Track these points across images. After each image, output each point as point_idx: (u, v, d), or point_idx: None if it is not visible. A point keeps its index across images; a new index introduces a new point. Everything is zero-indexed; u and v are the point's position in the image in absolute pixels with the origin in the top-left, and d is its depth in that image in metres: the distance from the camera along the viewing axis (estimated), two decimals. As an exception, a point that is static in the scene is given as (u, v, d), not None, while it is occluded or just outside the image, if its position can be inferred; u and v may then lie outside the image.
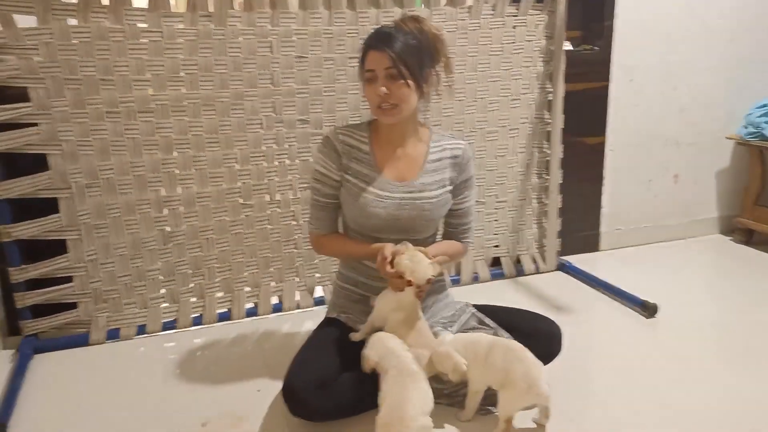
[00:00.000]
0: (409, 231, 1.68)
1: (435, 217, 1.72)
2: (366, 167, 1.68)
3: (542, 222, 2.64)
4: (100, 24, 1.89)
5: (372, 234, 1.69)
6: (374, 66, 1.58)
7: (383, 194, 1.66)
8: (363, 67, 1.63)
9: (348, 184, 1.68)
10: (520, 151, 2.52)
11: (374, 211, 1.65)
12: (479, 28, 2.32)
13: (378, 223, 1.66)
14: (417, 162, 1.71)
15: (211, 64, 2.02)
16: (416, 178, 1.69)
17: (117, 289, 2.10)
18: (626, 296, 2.35)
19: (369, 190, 1.66)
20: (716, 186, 3.13)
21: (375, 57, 1.58)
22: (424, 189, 1.69)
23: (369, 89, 1.61)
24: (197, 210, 2.13)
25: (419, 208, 1.67)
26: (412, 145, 1.72)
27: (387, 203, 1.66)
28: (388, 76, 1.58)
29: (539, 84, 2.47)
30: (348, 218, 1.74)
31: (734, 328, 2.18)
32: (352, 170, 1.68)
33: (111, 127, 1.98)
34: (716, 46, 2.90)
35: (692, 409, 1.67)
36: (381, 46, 1.57)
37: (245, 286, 2.25)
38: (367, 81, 1.61)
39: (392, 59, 1.56)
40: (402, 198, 1.67)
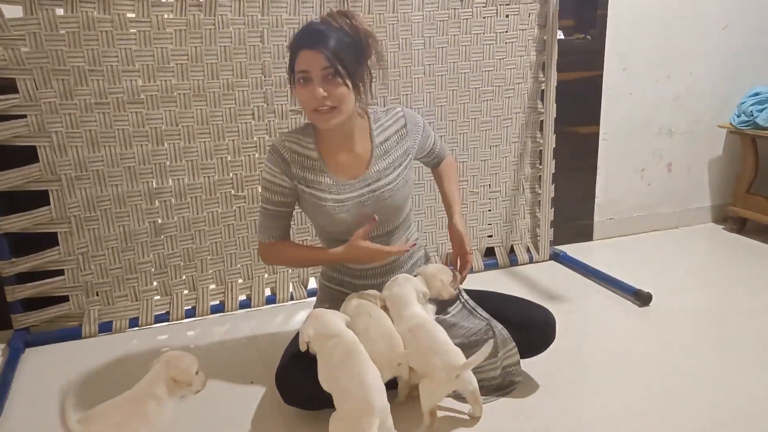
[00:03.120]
0: (380, 224, 1.63)
1: (399, 202, 1.66)
2: (318, 174, 1.61)
3: (535, 212, 2.64)
4: (88, 14, 1.87)
5: (346, 237, 1.62)
6: (309, 66, 1.47)
7: (342, 197, 1.60)
8: (293, 69, 1.51)
9: (305, 195, 1.62)
10: (513, 140, 2.51)
11: (339, 218, 1.60)
12: (472, 16, 2.30)
13: (347, 227, 1.61)
14: (366, 154, 1.64)
15: (201, 54, 2.00)
16: (369, 168, 1.63)
17: (108, 282, 2.09)
18: (620, 285, 2.35)
19: (327, 198, 1.60)
20: (709, 175, 3.14)
21: (309, 57, 1.46)
22: (380, 177, 1.63)
23: (303, 92, 1.50)
24: (189, 201, 2.11)
25: (380, 199, 1.62)
26: (358, 140, 1.64)
27: (348, 205, 1.60)
28: (324, 77, 1.47)
29: (532, 73, 2.46)
30: (317, 228, 1.72)
31: (727, 316, 2.17)
32: (305, 180, 1.61)
33: (100, 119, 1.95)
34: (709, 34, 2.90)
35: (685, 396, 1.67)
36: (315, 44, 1.46)
37: (238, 277, 2.24)
38: (300, 83, 1.50)
39: (328, 58, 1.45)
40: (361, 194, 1.61)
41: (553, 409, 1.60)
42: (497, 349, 1.60)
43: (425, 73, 2.30)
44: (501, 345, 1.60)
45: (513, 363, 1.62)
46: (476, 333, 1.63)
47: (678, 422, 1.55)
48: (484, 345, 1.47)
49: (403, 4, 2.19)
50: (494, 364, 1.62)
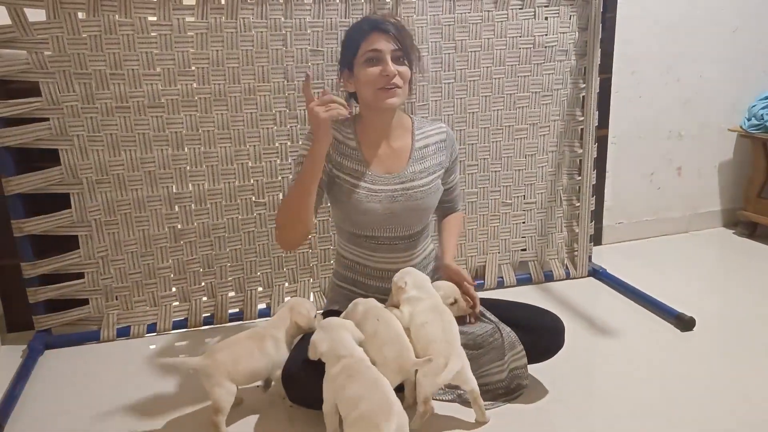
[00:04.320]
0: (404, 225, 1.67)
1: (428, 205, 1.70)
2: (355, 163, 1.65)
3: (573, 225, 2.49)
4: (110, 17, 1.86)
5: (368, 233, 1.67)
6: (382, 46, 1.56)
7: (375, 188, 1.63)
8: (361, 49, 1.57)
9: (338, 180, 1.65)
10: (551, 149, 2.38)
11: (369, 206, 1.62)
12: (507, 19, 2.19)
13: (373, 219, 1.63)
14: (404, 152, 1.69)
15: (223, 58, 1.97)
16: (405, 167, 1.67)
17: (128, 287, 2.08)
18: (661, 307, 2.18)
19: (361, 185, 1.63)
20: (719, 179, 3.09)
21: (381, 38, 1.56)
22: (414, 178, 1.67)
23: (372, 70, 1.57)
24: (209, 207, 2.08)
25: (412, 198, 1.65)
26: (398, 136, 1.69)
27: (381, 197, 1.63)
28: (394, 57, 1.57)
29: (572, 79, 2.32)
30: (342, 218, 1.70)
31: (739, 322, 2.13)
32: (341, 166, 1.64)
33: (121, 123, 1.94)
34: (719, 37, 2.84)
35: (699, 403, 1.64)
36: (387, 28, 1.57)
37: (258, 285, 2.20)
38: (369, 62, 1.57)
39: (399, 41, 1.57)
40: (394, 190, 1.64)
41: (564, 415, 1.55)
42: (504, 352, 1.56)
43: (456, 78, 2.20)
44: (508, 348, 1.56)
45: (520, 366, 1.57)
46: (483, 335, 1.60)
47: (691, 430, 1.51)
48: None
49: (433, 6, 2.10)
50: (501, 366, 1.58)
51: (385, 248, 1.68)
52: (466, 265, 2.40)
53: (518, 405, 1.60)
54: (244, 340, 1.55)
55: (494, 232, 2.41)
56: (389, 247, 1.68)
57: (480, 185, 2.34)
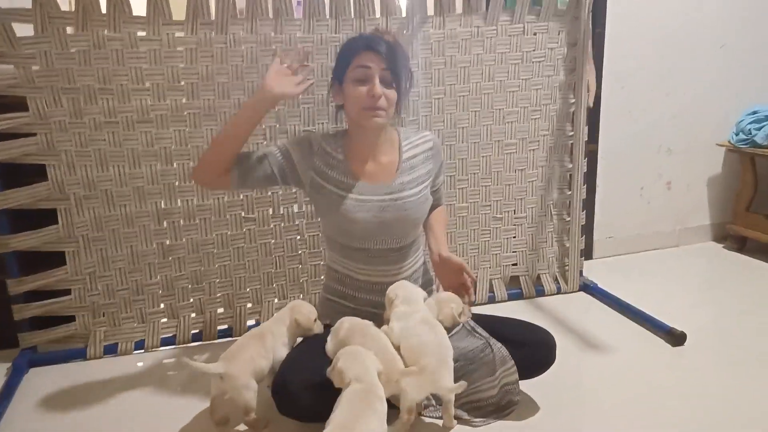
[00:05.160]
0: (394, 236, 1.67)
1: (418, 215, 1.70)
2: (342, 174, 1.66)
3: (564, 240, 2.49)
4: (99, 32, 1.85)
5: (358, 245, 1.67)
6: (371, 65, 1.58)
7: (363, 198, 1.64)
8: (352, 65, 1.59)
9: (324, 190, 1.65)
10: (540, 164, 2.39)
11: (357, 216, 1.62)
12: (497, 34, 2.20)
13: (362, 229, 1.63)
14: (392, 165, 1.69)
15: (212, 73, 1.96)
16: (394, 179, 1.67)
17: (115, 303, 2.05)
18: (653, 322, 2.18)
19: (348, 196, 1.64)
20: (708, 193, 3.11)
21: (373, 57, 1.58)
22: (403, 188, 1.67)
23: (360, 89, 1.59)
24: (198, 223, 2.06)
25: (401, 208, 1.65)
26: (385, 151, 1.70)
27: (368, 206, 1.63)
28: (382, 78, 1.59)
29: (561, 94, 2.33)
30: (331, 229, 1.71)
31: (731, 336, 2.14)
32: (326, 176, 1.65)
33: (109, 138, 1.93)
34: (707, 53, 2.89)
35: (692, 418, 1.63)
36: (379, 47, 1.59)
37: (247, 302, 2.18)
38: (358, 80, 1.58)
39: (389, 62, 1.59)
40: (382, 200, 1.64)
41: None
42: (495, 367, 1.55)
43: (446, 93, 2.20)
44: (499, 363, 1.55)
45: (512, 382, 1.55)
46: (473, 351, 1.59)
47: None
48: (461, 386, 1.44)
49: (422, 22, 2.11)
50: (492, 383, 1.56)
51: (376, 261, 1.68)
52: (456, 280, 2.39)
53: (509, 421, 1.59)
54: (250, 340, 1.58)
55: (485, 247, 2.40)
56: (379, 260, 1.68)
57: (470, 200, 2.33)
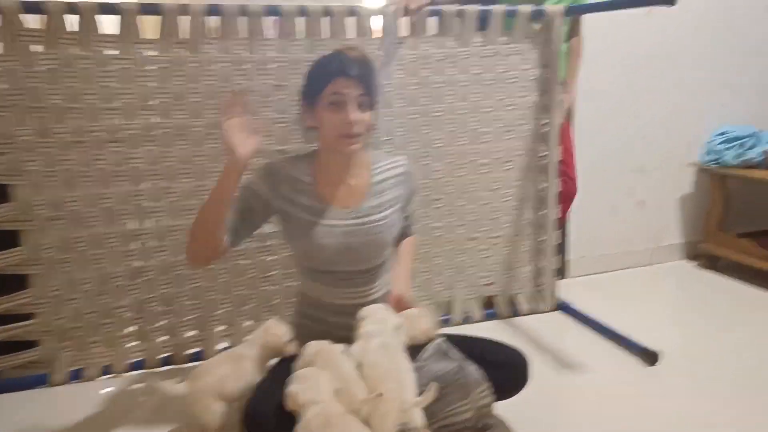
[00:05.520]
0: (362, 260, 1.64)
1: (386, 239, 1.67)
2: (310, 199, 1.62)
3: (538, 259, 2.50)
4: (68, 50, 1.82)
5: (326, 268, 1.64)
6: (347, 91, 1.53)
7: (331, 223, 1.60)
8: (327, 90, 1.54)
9: (291, 218, 1.62)
10: (515, 184, 2.39)
11: (324, 242, 1.59)
12: (470, 56, 2.22)
13: (330, 255, 1.61)
14: (361, 188, 1.66)
15: (185, 92, 1.94)
16: (362, 203, 1.64)
17: (82, 327, 2.00)
18: (627, 341, 2.19)
19: (316, 221, 1.60)
20: (680, 212, 3.17)
21: (348, 83, 1.53)
22: (371, 213, 1.64)
23: (335, 116, 1.54)
24: (168, 244, 2.02)
25: (369, 233, 1.62)
26: (355, 173, 1.66)
27: (335, 231, 1.60)
28: (358, 103, 1.55)
29: (534, 115, 2.35)
30: (299, 254, 1.68)
31: (704, 354, 2.16)
32: (293, 203, 1.61)
33: (77, 157, 1.89)
34: (677, 74, 2.95)
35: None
36: (353, 72, 1.53)
37: (219, 324, 2.14)
38: (333, 105, 1.54)
39: (365, 87, 1.55)
40: (350, 225, 1.61)
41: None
42: (469, 390, 1.51)
43: (420, 114, 2.20)
44: (473, 385, 1.51)
45: (486, 404, 1.52)
46: (447, 374, 1.54)
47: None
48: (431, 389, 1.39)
49: (396, 43, 2.12)
50: (467, 405, 1.51)
51: (343, 283, 1.65)
52: (432, 301, 2.38)
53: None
54: (223, 360, 1.55)
55: (460, 267, 2.40)
56: (347, 282, 1.65)
57: (446, 220, 2.33)
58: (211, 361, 1.56)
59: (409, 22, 2.14)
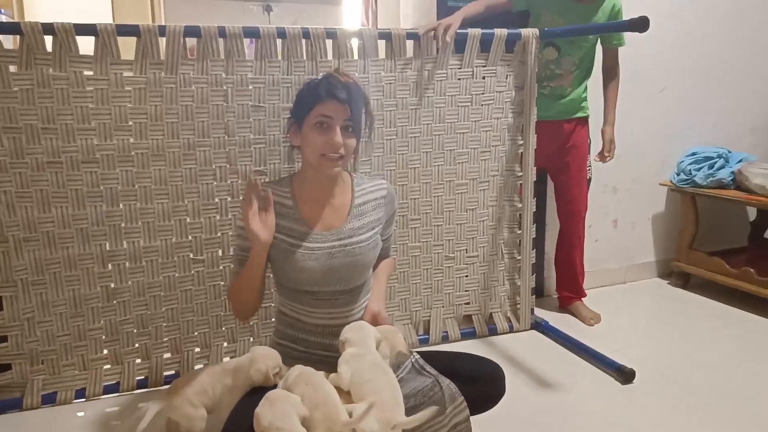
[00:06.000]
0: (344, 281, 1.65)
1: (368, 260, 1.68)
2: (291, 222, 1.63)
3: (515, 278, 2.52)
4: (43, 71, 1.81)
5: (307, 289, 1.64)
6: (334, 114, 1.56)
7: (313, 246, 1.61)
8: (314, 111, 1.57)
9: (276, 241, 1.62)
10: (491, 204, 2.42)
11: (306, 265, 1.60)
12: (447, 78, 2.25)
13: (312, 277, 1.61)
14: (343, 209, 1.68)
15: (162, 113, 1.93)
16: (344, 224, 1.66)
17: (55, 350, 1.97)
18: (602, 360, 2.21)
19: (298, 244, 1.61)
20: (653, 231, 3.23)
21: (336, 106, 1.56)
22: (353, 234, 1.65)
23: (320, 137, 1.56)
24: (144, 265, 2.01)
25: (350, 254, 1.63)
26: (337, 194, 1.68)
27: (318, 254, 1.61)
28: (344, 127, 1.58)
29: (510, 136, 2.39)
30: (280, 276, 1.68)
31: (678, 371, 2.20)
32: (278, 227, 1.62)
33: (52, 178, 1.87)
34: (648, 96, 3.01)
35: None
36: (343, 96, 1.56)
37: (195, 346, 2.12)
38: (318, 126, 1.56)
39: (352, 112, 1.58)
40: (332, 247, 1.62)
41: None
42: (445, 405, 1.49)
43: (398, 135, 2.23)
44: (449, 401, 1.50)
45: (462, 420, 1.51)
46: (422, 390, 1.53)
47: None
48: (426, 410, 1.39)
49: (374, 65, 2.14)
50: (443, 421, 1.49)
51: (325, 303, 1.65)
52: (410, 320, 2.39)
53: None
54: (213, 369, 1.55)
55: (438, 286, 2.41)
56: (329, 302, 1.66)
57: (423, 239, 2.35)
58: (193, 371, 1.56)
59: (435, 46, 2.21)
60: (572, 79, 2.48)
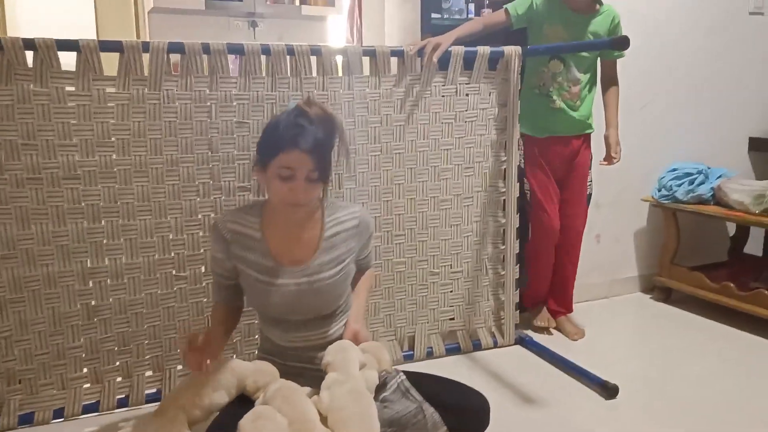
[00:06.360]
0: (315, 310, 1.63)
1: (338, 293, 1.66)
2: (259, 256, 1.60)
3: (499, 294, 2.53)
4: (24, 86, 1.79)
5: (278, 316, 1.63)
6: (297, 165, 1.50)
7: (280, 282, 1.58)
8: (277, 159, 1.50)
9: (245, 274, 1.61)
10: (475, 219, 2.43)
11: (275, 300, 1.59)
12: (431, 95, 2.26)
13: (281, 309, 1.61)
14: (312, 242, 1.63)
15: (145, 129, 1.92)
16: (312, 259, 1.61)
17: (33, 369, 1.93)
18: (586, 375, 2.22)
19: (266, 280, 1.59)
20: (635, 246, 3.25)
21: (298, 157, 1.49)
22: (321, 270, 1.61)
23: (284, 186, 1.51)
24: (126, 282, 1.98)
25: (318, 291, 1.61)
26: (307, 227, 1.64)
27: (284, 291, 1.58)
28: (308, 178, 1.52)
29: (493, 152, 2.41)
30: (252, 303, 1.70)
31: (661, 385, 2.21)
32: (245, 260, 1.60)
33: (32, 195, 1.85)
34: (629, 113, 3.00)
35: None
36: (306, 146, 1.49)
37: (177, 363, 2.09)
38: (280, 177, 1.51)
39: (316, 162, 1.51)
40: (299, 283, 1.59)
41: None
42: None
43: (382, 151, 2.23)
44: (431, 429, 1.52)
45: None
46: (406, 416, 1.54)
47: None
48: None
49: (359, 82, 2.15)
50: None
51: (300, 328, 1.63)
52: (395, 336, 2.38)
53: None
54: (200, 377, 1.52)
55: (423, 302, 2.41)
56: (303, 327, 1.64)
57: (408, 255, 2.35)
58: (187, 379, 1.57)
59: (419, 63, 2.22)
60: (580, 91, 2.50)
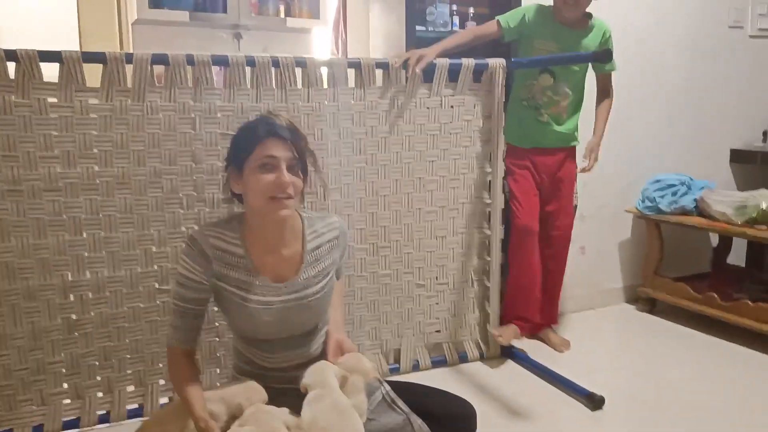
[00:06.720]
0: (300, 327, 1.59)
1: (323, 308, 1.63)
2: (243, 273, 1.53)
3: (485, 305, 2.53)
4: (5, 98, 1.77)
5: (262, 338, 1.57)
6: (278, 153, 1.47)
7: (266, 300, 1.53)
8: (256, 153, 1.47)
9: (226, 293, 1.54)
10: (460, 231, 2.43)
11: (261, 320, 1.53)
12: (416, 107, 2.27)
13: (267, 329, 1.55)
14: (296, 257, 1.58)
15: (128, 141, 1.90)
16: (298, 274, 1.57)
17: (12, 384, 1.89)
18: (572, 386, 2.22)
19: (251, 298, 1.52)
20: (619, 257, 3.29)
21: (278, 145, 1.48)
22: (308, 285, 1.57)
23: (266, 177, 1.46)
24: (107, 296, 1.96)
25: (305, 307, 1.57)
26: (289, 241, 1.58)
27: (273, 309, 1.53)
28: (290, 166, 1.49)
29: (478, 164, 2.42)
30: (232, 325, 1.62)
31: (646, 396, 2.22)
32: (228, 279, 1.53)
33: (12, 207, 1.82)
34: (613, 125, 2.97)
35: None
36: (284, 135, 1.49)
37: (160, 378, 2.06)
38: (263, 168, 1.47)
39: (296, 149, 1.51)
40: (287, 300, 1.55)
41: None
42: None
43: (367, 162, 2.23)
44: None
45: None
46: (393, 428, 1.51)
47: None
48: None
49: (344, 93, 2.15)
50: None
51: (281, 348, 1.59)
52: (380, 349, 2.37)
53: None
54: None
55: (408, 314, 2.40)
56: (285, 347, 1.60)
57: (393, 267, 2.34)
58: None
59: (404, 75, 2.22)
60: (567, 105, 2.52)
